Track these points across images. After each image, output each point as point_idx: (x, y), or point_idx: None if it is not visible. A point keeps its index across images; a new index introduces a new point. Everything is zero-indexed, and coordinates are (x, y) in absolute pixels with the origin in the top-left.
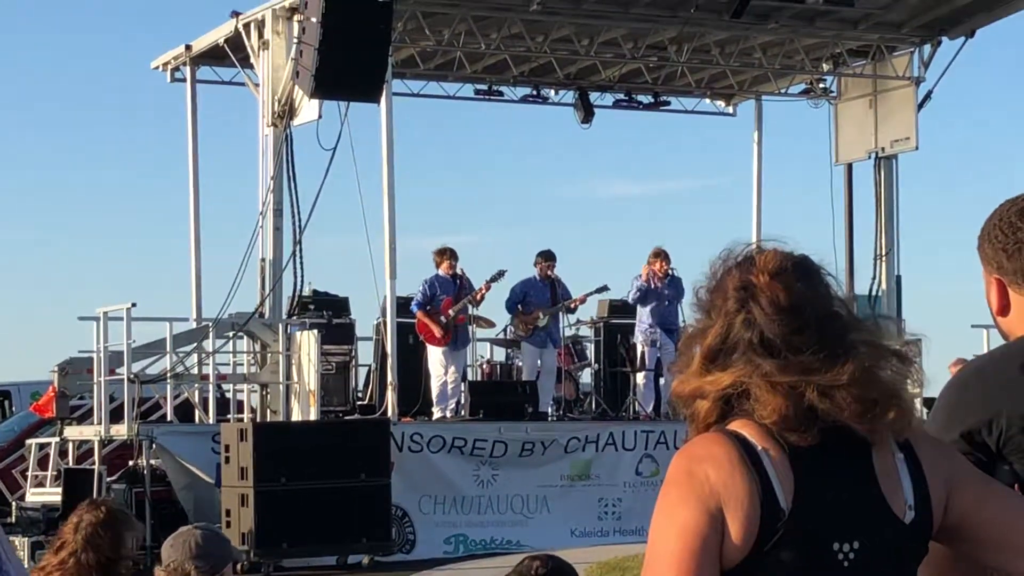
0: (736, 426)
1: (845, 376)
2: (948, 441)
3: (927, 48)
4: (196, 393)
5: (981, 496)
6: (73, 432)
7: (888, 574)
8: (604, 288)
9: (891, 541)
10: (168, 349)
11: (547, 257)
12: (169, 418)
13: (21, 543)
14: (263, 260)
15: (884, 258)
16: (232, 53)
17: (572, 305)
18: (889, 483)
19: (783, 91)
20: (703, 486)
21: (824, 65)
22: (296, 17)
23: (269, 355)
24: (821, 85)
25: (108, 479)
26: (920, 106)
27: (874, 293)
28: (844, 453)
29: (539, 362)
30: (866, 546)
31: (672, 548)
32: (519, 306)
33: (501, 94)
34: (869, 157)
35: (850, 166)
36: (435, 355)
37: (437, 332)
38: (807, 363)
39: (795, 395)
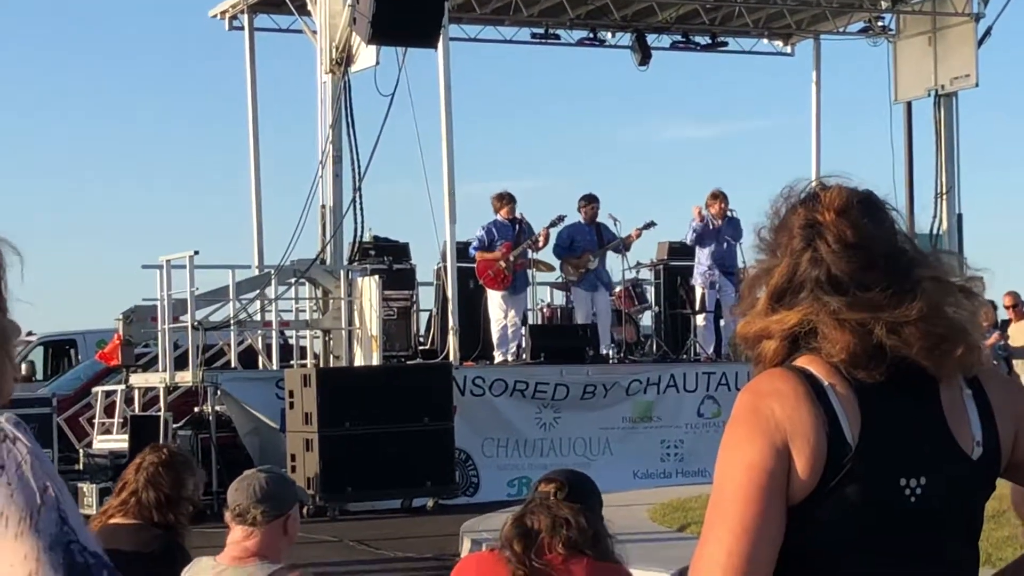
0: (802, 362)
1: (914, 312)
2: None
3: None
4: (259, 339)
5: None
6: (138, 379)
7: (955, 510)
8: (651, 224)
9: (958, 477)
10: (231, 296)
11: (590, 200)
12: (233, 365)
13: (89, 489)
14: (323, 207)
15: (944, 196)
16: (289, 0)
17: (627, 243)
18: (957, 419)
19: (841, 30)
20: (769, 421)
21: (883, 2)
22: None
23: (331, 301)
24: (880, 23)
25: (174, 425)
26: (980, 42)
27: (935, 232)
28: (911, 389)
29: (593, 305)
30: (933, 482)
31: (739, 484)
32: (567, 251)
33: (558, 37)
34: (928, 95)
35: (909, 104)
36: (495, 299)
37: (498, 256)
38: (875, 300)
39: (863, 332)
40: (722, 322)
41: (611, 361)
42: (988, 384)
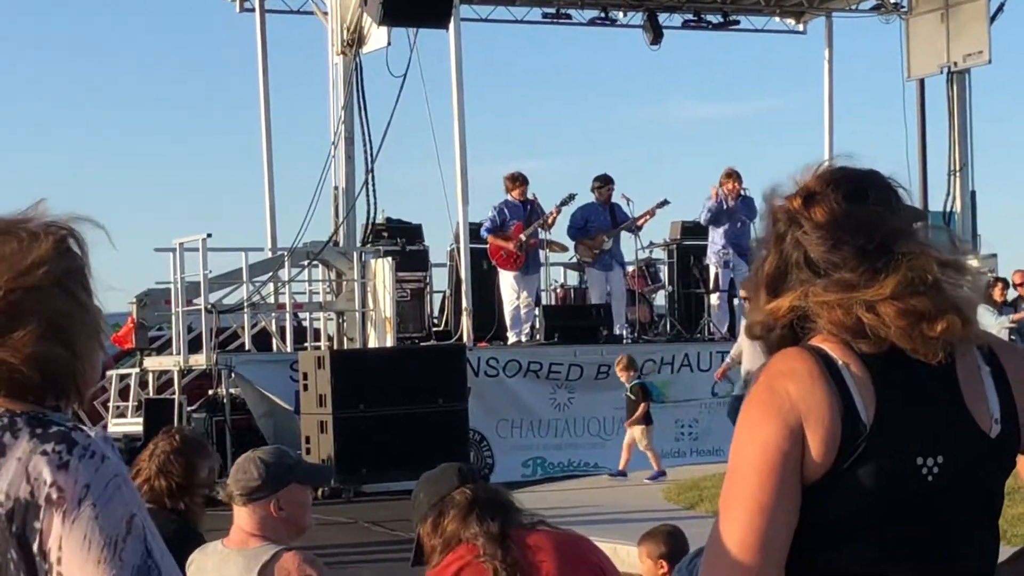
0: (817, 341)
1: (888, 290)
2: None
3: None
4: (273, 322)
5: None
6: (152, 363)
7: (973, 488)
8: (665, 202)
9: (976, 455)
10: (244, 279)
11: (604, 181)
12: (247, 347)
13: None
14: (336, 188)
15: (958, 174)
16: None
17: (639, 223)
18: (974, 397)
19: (853, 7)
20: (784, 402)
21: None
22: None
23: (344, 283)
24: (892, 0)
25: (188, 408)
26: (992, 19)
27: (948, 209)
28: (927, 367)
29: (607, 285)
30: (950, 460)
31: (753, 463)
32: (581, 232)
33: (569, 17)
34: (941, 72)
35: (922, 81)
36: (507, 280)
37: (512, 246)
38: (847, 280)
39: (846, 311)
40: (736, 301)
41: (625, 341)
42: (1006, 360)
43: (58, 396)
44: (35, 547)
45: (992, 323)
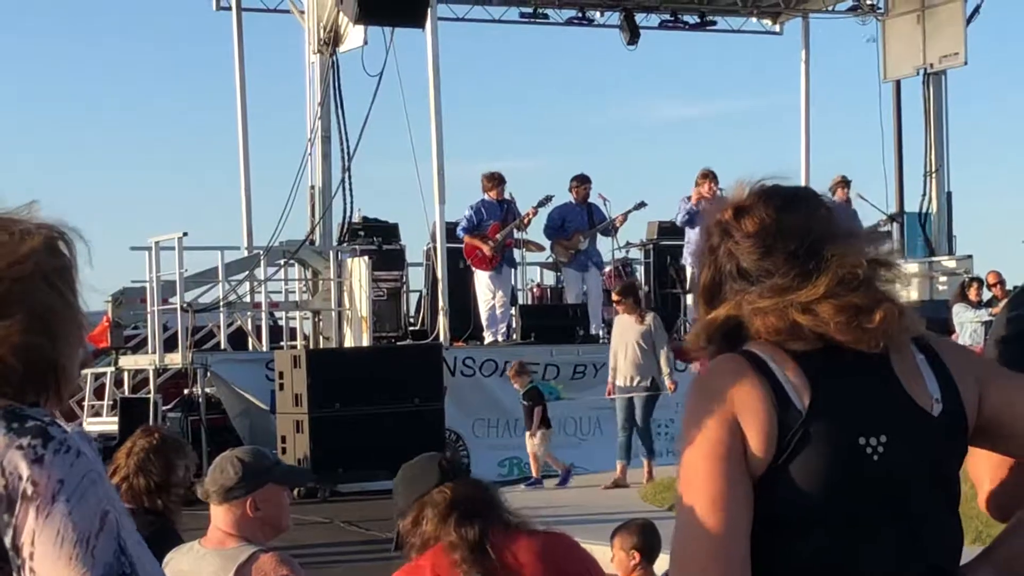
0: (748, 346)
1: (822, 289)
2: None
3: None
4: (249, 321)
5: (1012, 391)
6: (128, 361)
7: (926, 470)
8: (642, 204)
9: (921, 433)
10: (220, 278)
11: (582, 180)
12: (223, 346)
13: None
14: (312, 187)
15: (934, 175)
16: None
17: (616, 224)
18: (912, 380)
19: (830, 8)
20: (715, 398)
21: None
22: None
23: (321, 282)
24: (868, 1)
25: (163, 407)
26: (969, 20)
27: (924, 210)
28: (861, 356)
29: (584, 286)
30: (894, 439)
31: (699, 460)
32: (558, 232)
33: (546, 17)
34: (918, 73)
35: (898, 83)
36: (482, 279)
37: (487, 251)
38: (780, 285)
39: (781, 315)
40: None
41: (601, 341)
42: (942, 350)
43: (38, 390)
44: (8, 541)
45: (970, 317)
